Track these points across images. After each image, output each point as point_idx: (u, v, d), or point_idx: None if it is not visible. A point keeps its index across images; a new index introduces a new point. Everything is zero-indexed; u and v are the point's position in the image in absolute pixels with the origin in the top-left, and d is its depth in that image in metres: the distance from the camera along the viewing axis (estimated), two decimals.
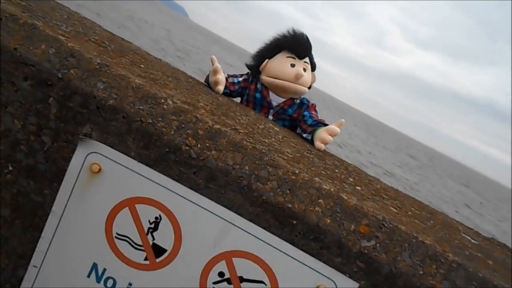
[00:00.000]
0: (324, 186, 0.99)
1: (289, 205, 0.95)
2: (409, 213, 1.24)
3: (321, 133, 1.58)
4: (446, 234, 1.21)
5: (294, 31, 1.75)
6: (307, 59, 1.78)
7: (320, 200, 0.97)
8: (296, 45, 1.73)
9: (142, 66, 1.31)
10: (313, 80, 1.84)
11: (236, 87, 1.83)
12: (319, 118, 1.76)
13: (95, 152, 0.95)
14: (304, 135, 1.71)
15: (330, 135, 1.56)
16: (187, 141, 0.98)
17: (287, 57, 1.73)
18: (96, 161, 0.95)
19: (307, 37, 1.76)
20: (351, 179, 1.29)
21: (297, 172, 1.00)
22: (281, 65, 1.72)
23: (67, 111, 1.00)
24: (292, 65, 1.72)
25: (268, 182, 0.97)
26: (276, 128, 1.55)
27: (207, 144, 0.98)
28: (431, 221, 1.30)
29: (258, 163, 0.99)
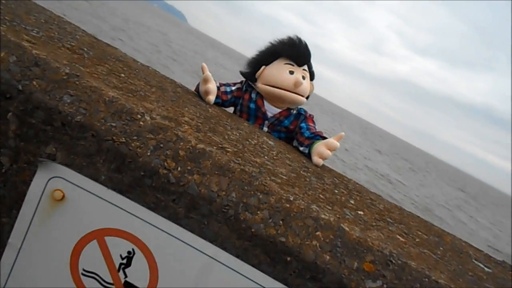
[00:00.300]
0: (323, 216, 0.87)
1: (282, 239, 0.82)
2: (417, 240, 1.12)
3: (319, 147, 1.46)
4: (458, 265, 1.08)
5: (293, 37, 1.64)
6: (306, 67, 1.66)
7: (318, 233, 0.84)
8: (295, 51, 1.62)
9: (122, 75, 1.19)
10: (312, 90, 1.72)
11: (229, 96, 1.70)
12: (317, 130, 1.64)
13: (57, 177, 0.83)
14: (301, 148, 1.59)
15: (329, 149, 1.44)
16: (165, 164, 0.85)
17: (285, 64, 1.61)
18: (59, 187, 0.82)
19: (306, 44, 1.64)
20: (352, 202, 1.17)
21: (291, 199, 0.87)
22: (278, 72, 1.60)
23: (28, 128, 0.87)
24: (291, 72, 1.60)
25: (258, 212, 0.84)
26: (270, 142, 1.43)
27: (189, 167, 0.86)
28: (441, 248, 1.18)
29: (247, 189, 0.86)
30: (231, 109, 1.83)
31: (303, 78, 1.62)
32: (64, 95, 0.88)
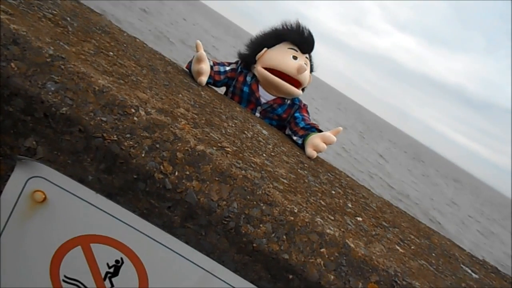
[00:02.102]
0: (328, 230, 0.82)
1: (286, 256, 0.77)
2: (412, 247, 1.10)
3: (315, 139, 1.40)
4: (452, 275, 1.07)
5: (299, 24, 1.54)
6: (308, 56, 1.58)
7: (322, 250, 0.79)
8: (300, 37, 1.53)
9: (111, 54, 1.07)
10: (309, 81, 1.64)
11: (222, 77, 1.60)
12: (311, 121, 1.58)
13: (38, 177, 0.73)
14: (294, 138, 1.53)
15: (325, 142, 1.39)
16: (161, 167, 0.77)
17: (289, 48, 1.52)
18: (40, 187, 0.73)
19: (311, 33, 1.55)
20: (350, 205, 1.12)
21: (296, 211, 0.81)
22: (282, 56, 1.51)
23: (4, 117, 0.76)
24: (294, 58, 1.52)
25: (261, 225, 0.78)
26: (264, 132, 1.36)
27: (187, 172, 0.78)
28: (433, 254, 1.17)
29: (250, 199, 0.79)
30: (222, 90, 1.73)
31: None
32: (48, 81, 0.77)
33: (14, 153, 0.77)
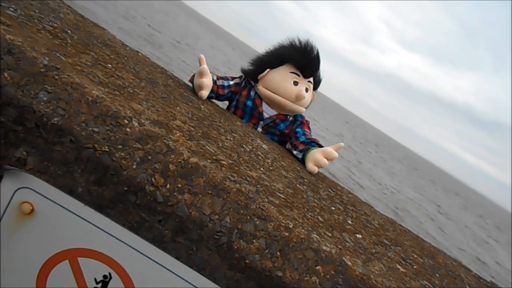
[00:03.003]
0: (324, 247, 0.79)
1: (279, 273, 0.74)
2: (415, 266, 1.06)
3: (316, 154, 1.38)
4: None
5: (305, 44, 1.53)
6: (311, 79, 1.57)
7: (318, 267, 0.76)
8: (304, 61, 1.51)
9: (109, 66, 1.07)
10: (313, 99, 1.63)
11: (226, 91, 1.60)
12: (312, 136, 1.56)
13: (26, 188, 0.72)
14: (295, 152, 1.51)
15: (326, 158, 1.37)
16: (153, 179, 0.75)
17: (291, 72, 1.51)
18: (27, 199, 0.72)
19: (317, 54, 1.54)
20: (350, 221, 1.09)
21: (291, 226, 0.79)
22: (282, 80, 1.51)
23: None
24: (295, 83, 1.51)
25: (254, 240, 0.75)
26: (264, 146, 1.34)
27: (179, 185, 0.76)
28: (437, 274, 1.12)
29: (243, 213, 0.77)
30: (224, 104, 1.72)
31: (306, 90, 1.54)
32: (40, 91, 0.76)
33: (4, 163, 0.75)
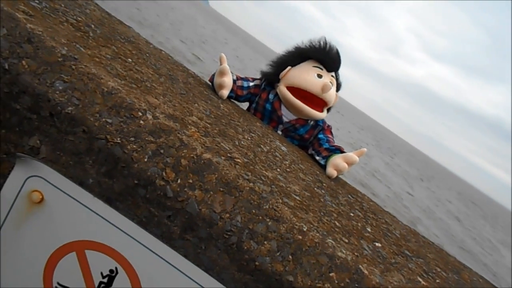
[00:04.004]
0: (339, 253, 0.74)
1: (290, 278, 0.70)
2: (437, 280, 0.99)
3: (337, 159, 1.33)
4: None
5: (325, 42, 1.50)
6: (333, 74, 1.53)
7: (332, 274, 0.72)
8: (325, 55, 1.48)
9: (129, 60, 1.06)
10: (336, 101, 1.58)
11: (245, 92, 1.57)
12: (335, 143, 1.51)
13: (37, 176, 0.71)
14: (317, 158, 1.46)
15: (347, 163, 1.32)
16: (163, 174, 0.73)
17: (314, 66, 1.48)
18: (38, 187, 0.71)
19: (338, 51, 1.50)
20: (369, 229, 1.04)
21: (305, 229, 0.75)
22: (306, 74, 1.47)
23: (11, 115, 0.75)
24: (319, 76, 1.46)
25: (265, 242, 0.72)
26: (283, 148, 1.30)
27: (190, 180, 0.73)
28: None
29: (255, 213, 0.74)
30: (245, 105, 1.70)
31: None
32: (56, 80, 0.76)
33: (17, 151, 0.75)
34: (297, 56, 1.51)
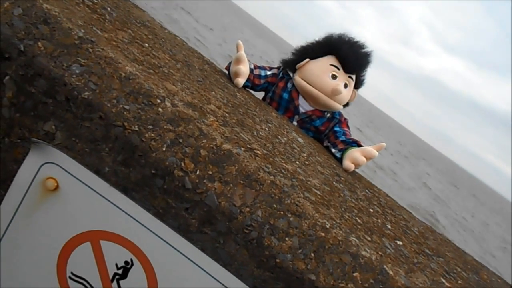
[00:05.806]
0: (363, 252, 0.71)
1: (312, 277, 0.67)
2: (459, 281, 0.96)
3: (354, 152, 1.30)
4: None
5: (354, 39, 1.43)
6: (353, 76, 1.47)
7: (355, 274, 0.69)
8: (348, 54, 1.41)
9: (146, 45, 1.03)
10: (353, 98, 1.53)
11: (262, 81, 1.53)
12: (352, 137, 1.47)
13: (52, 163, 0.68)
14: (333, 150, 1.42)
15: (365, 157, 1.28)
16: (182, 164, 0.70)
17: (331, 65, 1.42)
18: (52, 174, 0.69)
19: (367, 53, 1.44)
20: (389, 226, 1.01)
21: (328, 226, 0.72)
22: (320, 72, 1.42)
23: (26, 98, 0.73)
24: (333, 76, 1.41)
25: (287, 238, 0.69)
26: (300, 140, 1.27)
27: (210, 172, 0.70)
28: None
29: (276, 208, 0.71)
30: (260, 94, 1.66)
31: (346, 86, 1.44)
32: (73, 63, 0.73)
33: (32, 136, 0.73)
34: (319, 48, 1.46)
